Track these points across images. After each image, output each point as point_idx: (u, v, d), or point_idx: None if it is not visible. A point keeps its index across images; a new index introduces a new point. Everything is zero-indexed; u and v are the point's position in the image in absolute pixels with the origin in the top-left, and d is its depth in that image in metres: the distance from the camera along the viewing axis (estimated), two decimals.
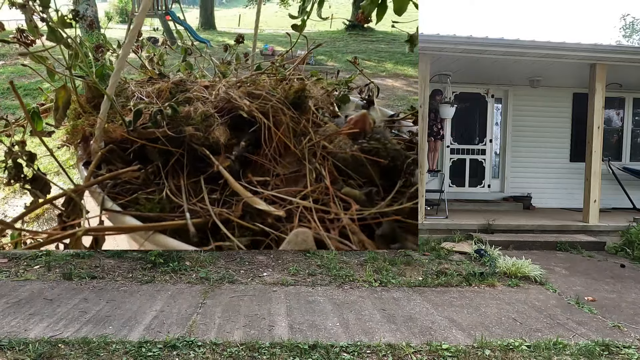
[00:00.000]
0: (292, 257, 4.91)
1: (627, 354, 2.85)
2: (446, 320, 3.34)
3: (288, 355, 2.70)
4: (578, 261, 5.23)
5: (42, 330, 2.94)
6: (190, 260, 4.57)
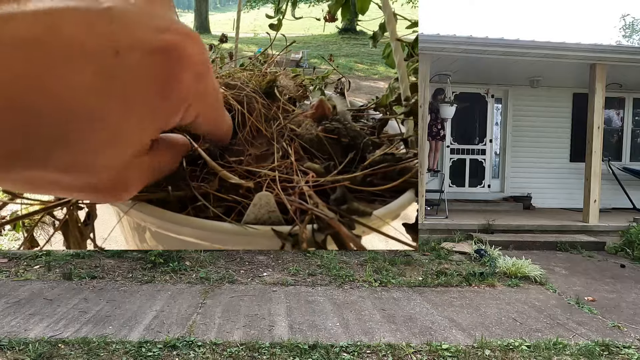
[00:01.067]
0: (292, 257, 4.91)
1: (627, 354, 2.85)
2: (446, 320, 3.34)
3: (288, 355, 2.70)
4: (578, 261, 5.24)
5: (42, 330, 2.94)
6: (190, 260, 4.58)
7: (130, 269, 4.35)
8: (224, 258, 4.78)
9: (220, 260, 4.71)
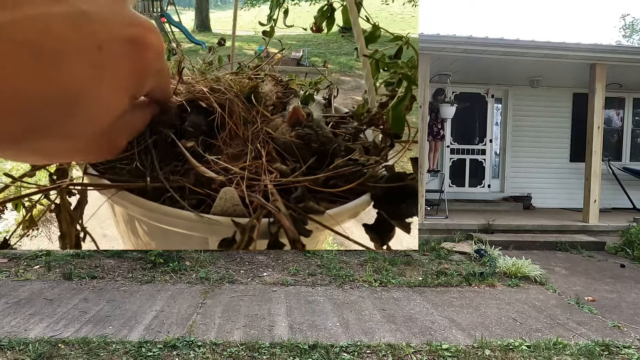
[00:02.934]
0: (292, 257, 4.91)
1: (627, 354, 2.85)
2: (446, 320, 3.34)
3: (288, 355, 2.70)
4: (578, 261, 5.24)
5: (42, 330, 2.94)
6: (190, 260, 4.58)
7: (130, 269, 4.35)
8: (224, 258, 4.78)
9: (220, 260, 4.71)
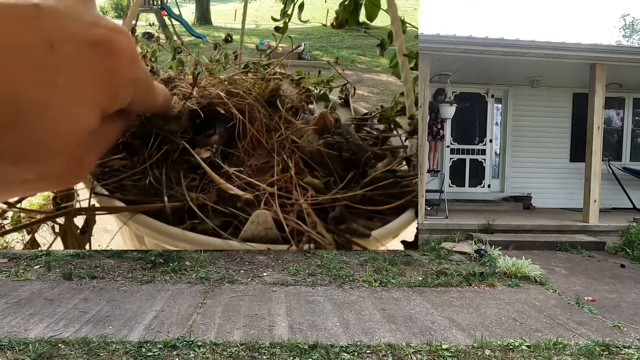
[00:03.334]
0: (292, 257, 4.91)
1: (627, 354, 2.85)
2: (446, 320, 3.34)
3: (288, 355, 2.70)
4: (578, 261, 5.23)
5: (42, 330, 2.94)
6: (190, 260, 4.58)
7: (130, 269, 4.35)
8: (224, 258, 4.77)
9: (220, 260, 4.71)
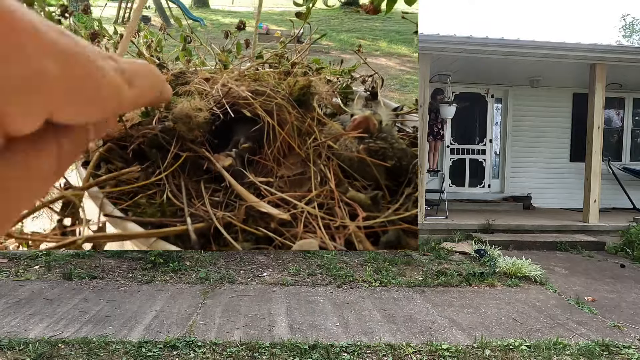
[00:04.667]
0: (292, 257, 4.91)
1: (627, 354, 2.85)
2: (446, 320, 3.34)
3: (288, 355, 2.70)
4: (578, 261, 5.23)
5: (42, 330, 2.94)
6: (190, 260, 4.57)
7: (130, 269, 4.34)
8: (224, 258, 4.77)
9: (220, 260, 4.71)
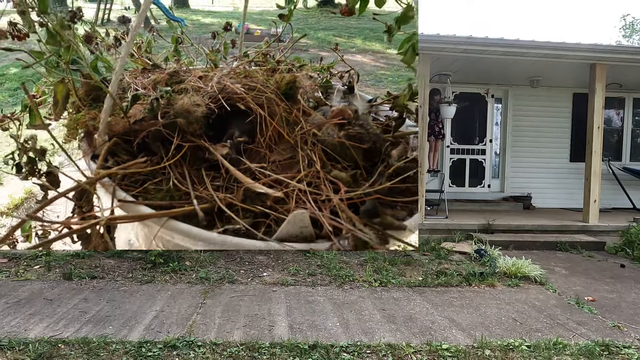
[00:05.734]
0: (292, 257, 4.91)
1: (627, 354, 2.85)
2: (446, 320, 3.34)
3: (288, 355, 2.70)
4: (578, 261, 5.24)
5: (42, 330, 2.94)
6: (190, 260, 4.58)
7: (130, 269, 4.35)
8: (223, 258, 4.78)
9: (220, 260, 4.71)
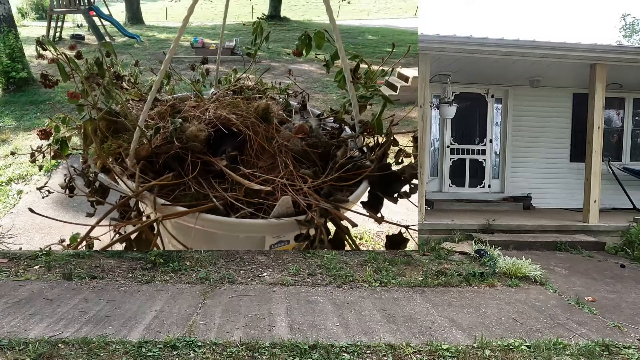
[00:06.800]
0: (292, 257, 4.91)
1: (627, 354, 2.85)
2: (446, 320, 3.34)
3: (288, 355, 2.70)
4: (578, 261, 5.23)
5: (42, 330, 2.94)
6: (190, 261, 4.58)
7: (130, 269, 4.34)
8: (223, 258, 4.78)
9: (220, 260, 4.71)
